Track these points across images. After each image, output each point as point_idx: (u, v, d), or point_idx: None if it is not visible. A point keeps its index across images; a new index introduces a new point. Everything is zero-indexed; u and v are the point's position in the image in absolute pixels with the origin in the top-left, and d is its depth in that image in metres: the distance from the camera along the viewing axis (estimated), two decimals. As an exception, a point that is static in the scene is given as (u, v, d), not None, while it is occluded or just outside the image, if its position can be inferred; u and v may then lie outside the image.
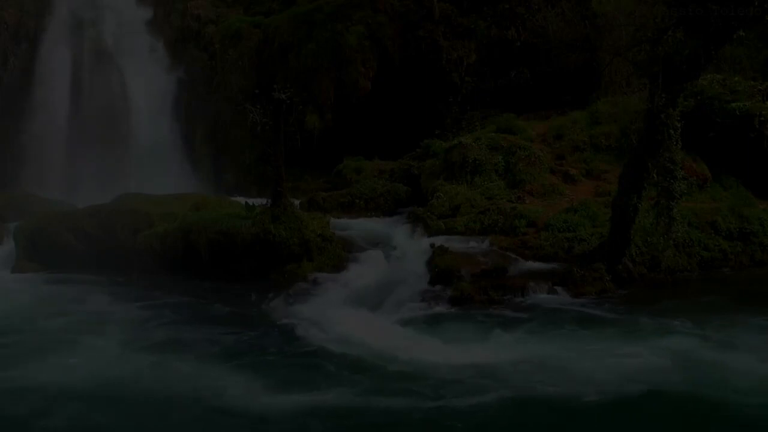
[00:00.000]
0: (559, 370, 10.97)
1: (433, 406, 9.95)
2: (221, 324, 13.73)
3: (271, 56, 26.66)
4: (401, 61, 25.57)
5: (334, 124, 25.33)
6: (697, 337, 12.28)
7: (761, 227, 16.77)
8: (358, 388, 10.53)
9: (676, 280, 15.54)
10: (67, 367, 11.48)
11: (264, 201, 17.15)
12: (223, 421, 9.85)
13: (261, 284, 15.67)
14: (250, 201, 17.65)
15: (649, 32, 14.42)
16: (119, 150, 25.70)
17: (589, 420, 9.74)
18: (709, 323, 12.77)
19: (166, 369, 11.41)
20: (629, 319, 13.26)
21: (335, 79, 25.51)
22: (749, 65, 21.55)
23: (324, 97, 25.50)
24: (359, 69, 25.41)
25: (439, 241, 16.55)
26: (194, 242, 16.73)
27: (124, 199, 19.28)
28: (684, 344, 11.95)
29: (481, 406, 9.90)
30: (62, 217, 18.36)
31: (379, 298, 14.63)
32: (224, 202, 19.48)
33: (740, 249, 16.50)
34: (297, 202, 18.71)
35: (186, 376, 11.15)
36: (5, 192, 22.65)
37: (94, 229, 17.66)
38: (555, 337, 12.48)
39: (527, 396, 10.22)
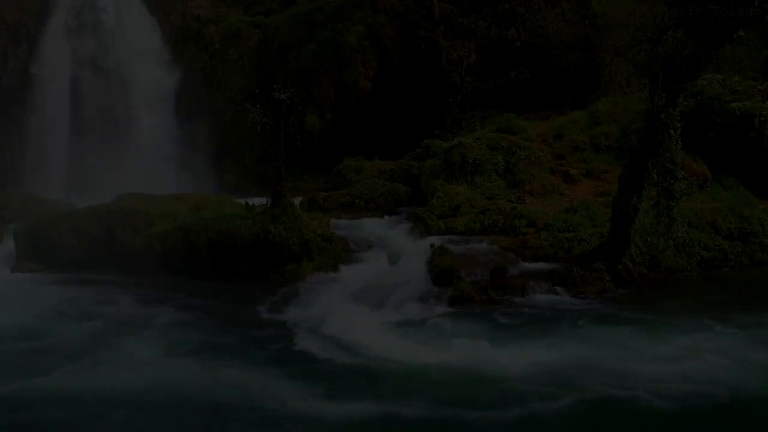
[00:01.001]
0: (565, 371, 10.94)
1: (444, 411, 9.86)
2: (223, 325, 13.69)
3: (271, 56, 26.66)
4: (401, 61, 25.57)
5: (334, 124, 25.34)
6: (718, 335, 12.31)
7: (761, 227, 16.77)
8: (363, 392, 10.47)
9: (676, 280, 15.54)
10: (102, 371, 11.33)
11: (264, 201, 17.15)
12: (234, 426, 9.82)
13: (261, 284, 15.67)
14: (250, 201, 17.64)
15: (649, 32, 14.42)
16: (119, 150, 25.71)
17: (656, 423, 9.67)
18: (721, 322, 12.79)
19: (188, 372, 11.32)
20: (635, 319, 13.23)
21: (335, 79, 25.51)
22: (749, 65, 21.56)
23: (324, 97, 25.51)
24: (359, 69, 25.41)
25: (439, 241, 16.54)
26: (194, 242, 16.73)
27: (124, 199, 19.28)
28: (703, 343, 11.94)
29: (486, 411, 9.83)
30: (62, 217, 18.36)
31: (379, 298, 14.62)
32: (224, 202, 19.49)
33: (740, 249, 16.50)
34: (297, 202, 18.70)
35: (211, 378, 11.06)
36: (5, 192, 22.64)
37: (94, 229, 17.66)
38: (560, 337, 12.46)
39: (544, 398, 10.13)
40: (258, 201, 17.54)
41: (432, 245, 16.27)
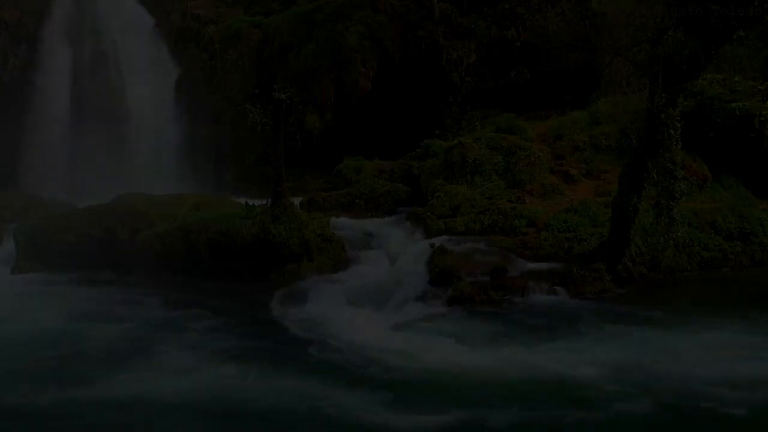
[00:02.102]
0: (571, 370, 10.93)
1: (450, 414, 9.83)
2: (225, 325, 13.73)
3: (271, 56, 26.65)
4: (401, 61, 25.56)
5: (334, 124, 25.33)
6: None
7: (761, 227, 16.77)
8: (369, 393, 10.45)
9: (676, 280, 15.54)
10: (142, 377, 11.19)
11: (264, 201, 17.15)
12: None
13: (261, 284, 15.69)
14: (250, 201, 17.65)
15: (649, 32, 14.42)
16: (119, 150, 25.70)
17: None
18: (726, 321, 12.86)
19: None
20: (640, 319, 13.28)
21: (335, 79, 25.50)
22: (749, 65, 21.54)
23: (324, 97, 25.50)
24: (359, 69, 25.40)
25: (439, 241, 16.54)
26: (194, 242, 16.74)
27: (124, 199, 19.28)
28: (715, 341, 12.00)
29: (488, 414, 9.80)
30: (62, 217, 18.37)
31: (379, 299, 14.64)
32: (224, 202, 19.49)
33: (740, 249, 16.49)
34: (297, 202, 18.70)
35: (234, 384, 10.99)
36: (5, 192, 22.64)
37: (94, 229, 17.66)
38: (565, 337, 12.49)
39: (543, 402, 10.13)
40: (258, 201, 17.54)
41: (432, 245, 16.27)
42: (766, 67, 21.84)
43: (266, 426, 9.80)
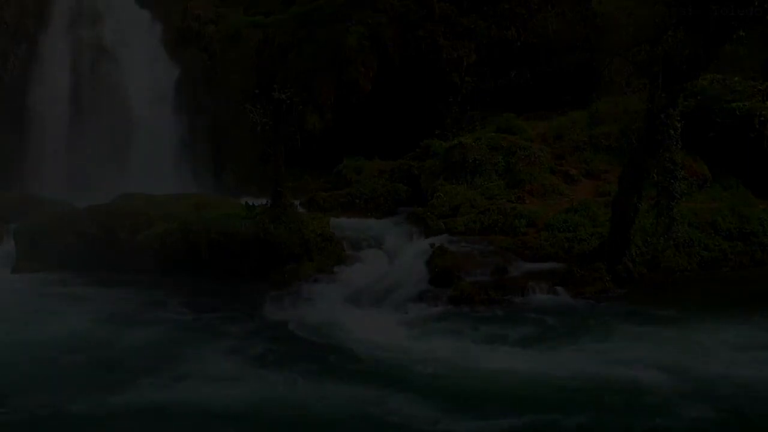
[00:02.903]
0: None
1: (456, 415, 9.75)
2: (226, 325, 13.71)
3: (271, 56, 26.65)
4: (401, 61, 25.56)
5: (334, 124, 25.33)
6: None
7: (761, 227, 16.77)
8: (375, 393, 10.40)
9: (676, 280, 15.54)
10: (176, 383, 10.83)
11: (264, 201, 17.15)
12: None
13: (261, 284, 15.66)
14: (250, 201, 17.64)
15: (649, 32, 14.42)
16: (119, 150, 25.69)
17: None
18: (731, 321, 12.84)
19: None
20: (645, 319, 13.26)
21: (335, 79, 25.50)
22: (749, 65, 21.54)
23: (324, 97, 25.50)
24: (359, 69, 25.40)
25: (439, 241, 16.54)
26: (194, 242, 16.73)
27: (124, 199, 19.27)
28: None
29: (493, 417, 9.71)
30: (62, 217, 18.36)
31: (379, 298, 14.65)
32: (224, 202, 19.46)
33: (740, 249, 16.49)
34: (297, 202, 18.70)
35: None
36: (5, 192, 22.62)
37: (94, 229, 17.65)
38: (582, 337, 12.48)
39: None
40: (258, 201, 17.54)
41: (432, 245, 16.27)
42: (766, 67, 21.84)
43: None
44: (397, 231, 18.05)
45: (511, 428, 9.33)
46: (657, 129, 14.28)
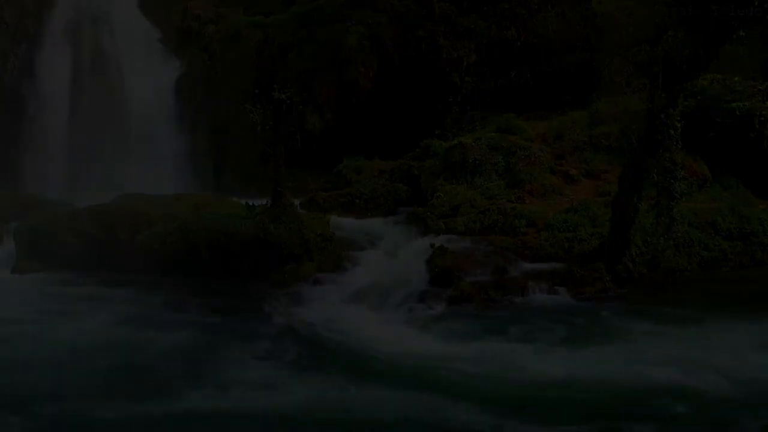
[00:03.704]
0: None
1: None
2: (228, 325, 13.75)
3: (271, 56, 26.64)
4: (401, 61, 25.55)
5: (334, 124, 25.32)
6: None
7: (761, 227, 16.76)
8: (379, 393, 10.41)
9: (676, 280, 15.55)
10: (214, 388, 10.46)
11: (264, 201, 17.15)
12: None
13: (261, 284, 15.67)
14: (250, 201, 17.65)
15: (649, 32, 14.43)
16: (119, 150, 25.69)
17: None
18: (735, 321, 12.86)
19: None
20: (649, 319, 13.27)
21: (335, 79, 25.49)
22: (749, 65, 21.55)
23: (324, 97, 25.49)
24: (359, 69, 25.39)
25: (439, 241, 16.54)
26: (194, 242, 16.73)
27: (124, 199, 19.27)
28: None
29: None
30: (62, 217, 18.35)
31: (379, 298, 14.66)
32: (224, 202, 19.46)
33: (740, 249, 16.48)
34: (297, 202, 18.70)
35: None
36: (5, 192, 22.62)
37: (94, 229, 17.65)
38: (599, 336, 12.52)
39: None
40: (258, 201, 17.54)
41: (432, 245, 16.27)
42: (766, 67, 21.85)
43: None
44: (397, 231, 18.05)
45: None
46: (657, 129, 14.28)
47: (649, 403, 9.92)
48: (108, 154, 25.45)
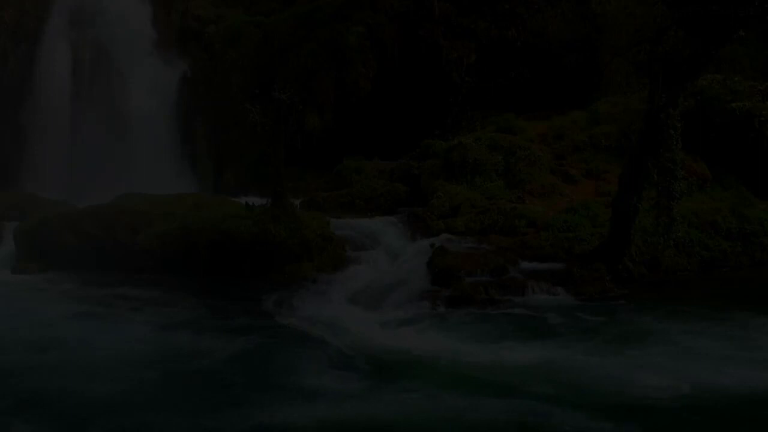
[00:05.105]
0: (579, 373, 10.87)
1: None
2: (229, 325, 13.68)
3: (271, 56, 26.63)
4: (401, 61, 25.55)
5: (334, 124, 25.32)
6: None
7: (761, 227, 16.79)
8: (380, 394, 10.31)
9: (676, 280, 15.56)
10: (288, 399, 9.96)
11: (264, 201, 17.14)
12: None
13: (261, 284, 15.65)
14: (250, 201, 17.64)
15: (649, 32, 14.43)
16: (119, 150, 25.66)
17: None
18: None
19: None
20: (651, 318, 13.25)
21: (335, 79, 25.48)
22: (749, 65, 21.56)
23: (324, 97, 25.49)
24: (359, 69, 25.39)
25: (439, 241, 16.55)
26: (194, 242, 16.72)
27: (124, 199, 19.27)
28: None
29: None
30: (62, 217, 18.35)
31: (379, 298, 14.65)
32: (224, 202, 19.46)
33: (740, 249, 16.51)
34: (297, 202, 18.69)
35: None
36: (5, 192, 22.62)
37: (94, 229, 17.65)
38: (573, 336, 12.53)
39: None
40: (258, 201, 17.54)
41: (432, 245, 16.27)
42: (766, 67, 21.86)
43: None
44: (397, 231, 18.05)
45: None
46: (657, 129, 14.29)
47: (649, 403, 9.91)
48: (108, 154, 25.42)
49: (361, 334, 12.73)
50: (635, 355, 11.53)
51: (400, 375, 10.98)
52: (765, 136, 18.68)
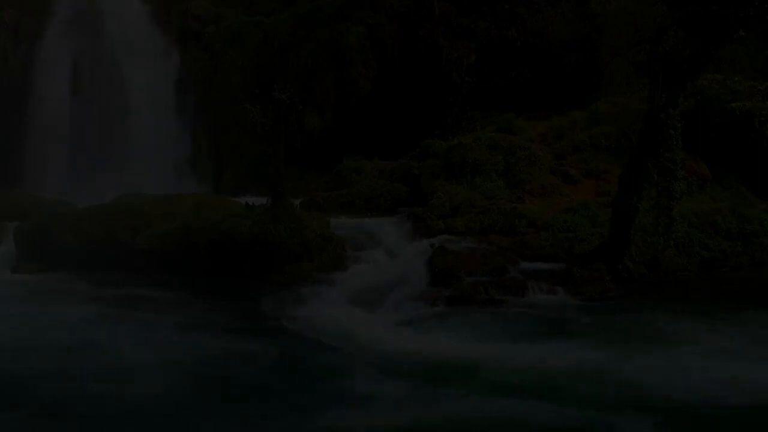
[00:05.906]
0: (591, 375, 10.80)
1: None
2: (229, 325, 13.73)
3: (271, 56, 26.62)
4: (401, 61, 25.55)
5: (334, 124, 25.31)
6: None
7: (761, 227, 16.78)
8: (383, 395, 10.25)
9: (676, 280, 15.56)
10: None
11: (264, 201, 17.14)
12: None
13: (261, 284, 15.63)
14: (250, 201, 17.64)
15: (649, 32, 14.44)
16: (119, 150, 25.68)
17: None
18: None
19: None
20: (651, 318, 13.27)
21: (335, 79, 25.48)
22: (749, 65, 21.55)
23: (324, 97, 25.48)
24: (359, 69, 25.39)
25: (439, 241, 16.55)
26: (194, 242, 16.72)
27: (124, 199, 19.27)
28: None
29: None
30: (62, 217, 18.36)
31: (379, 298, 14.66)
32: (224, 202, 19.46)
33: (740, 249, 16.50)
34: (297, 202, 18.69)
35: None
36: (5, 192, 22.62)
37: (94, 229, 17.65)
38: (574, 336, 12.54)
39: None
40: (258, 201, 17.54)
41: (432, 245, 16.27)
42: (766, 67, 21.85)
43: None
44: (397, 231, 18.03)
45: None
46: (657, 129, 14.30)
47: (648, 403, 9.89)
48: (108, 153, 25.43)
49: (366, 336, 12.71)
50: (636, 355, 11.51)
51: (384, 375, 10.94)
52: (765, 136, 18.67)
